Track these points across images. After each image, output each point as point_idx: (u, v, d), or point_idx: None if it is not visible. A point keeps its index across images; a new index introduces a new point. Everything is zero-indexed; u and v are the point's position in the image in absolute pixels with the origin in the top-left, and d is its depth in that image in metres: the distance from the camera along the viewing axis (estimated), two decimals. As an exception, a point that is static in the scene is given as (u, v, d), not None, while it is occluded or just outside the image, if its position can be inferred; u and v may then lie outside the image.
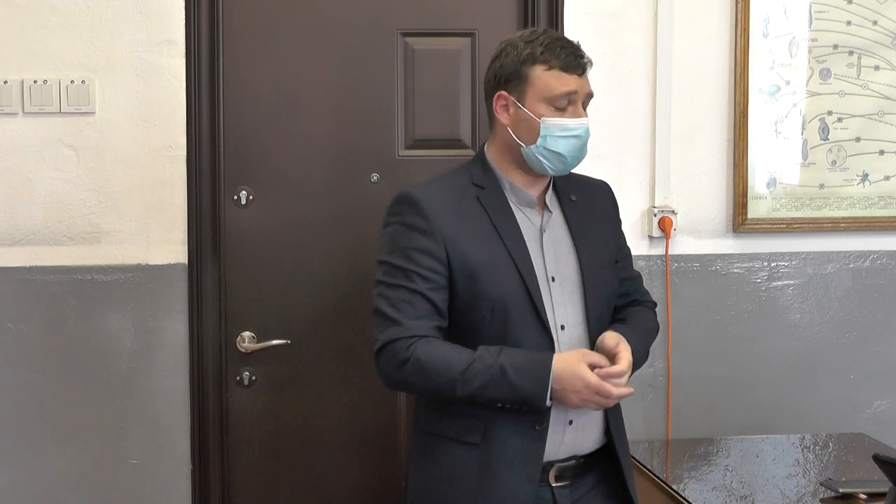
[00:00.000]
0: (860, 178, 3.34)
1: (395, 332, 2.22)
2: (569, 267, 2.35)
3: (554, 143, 2.29)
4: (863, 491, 2.48)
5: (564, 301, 2.32)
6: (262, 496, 3.17)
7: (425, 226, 2.25)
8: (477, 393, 2.20)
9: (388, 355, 2.23)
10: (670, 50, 3.21)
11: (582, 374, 2.18)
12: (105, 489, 3.08)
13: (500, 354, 2.20)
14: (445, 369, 2.20)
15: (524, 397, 2.20)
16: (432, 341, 2.24)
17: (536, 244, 2.33)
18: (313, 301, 3.14)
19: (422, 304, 2.24)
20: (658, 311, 3.21)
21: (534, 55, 2.27)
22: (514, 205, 2.34)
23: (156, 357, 3.07)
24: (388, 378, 2.27)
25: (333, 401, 3.16)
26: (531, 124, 2.28)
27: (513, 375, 2.18)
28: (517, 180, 2.35)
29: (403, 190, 2.32)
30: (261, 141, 3.12)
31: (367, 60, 3.14)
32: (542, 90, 2.27)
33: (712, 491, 2.61)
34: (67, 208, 3.03)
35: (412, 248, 2.25)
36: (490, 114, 2.36)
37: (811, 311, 3.34)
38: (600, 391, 2.19)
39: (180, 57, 3.04)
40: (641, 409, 3.26)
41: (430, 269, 2.24)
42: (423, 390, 2.27)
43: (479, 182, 2.34)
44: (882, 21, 3.32)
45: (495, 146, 2.36)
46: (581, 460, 2.35)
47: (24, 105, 3.00)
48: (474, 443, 2.26)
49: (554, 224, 2.38)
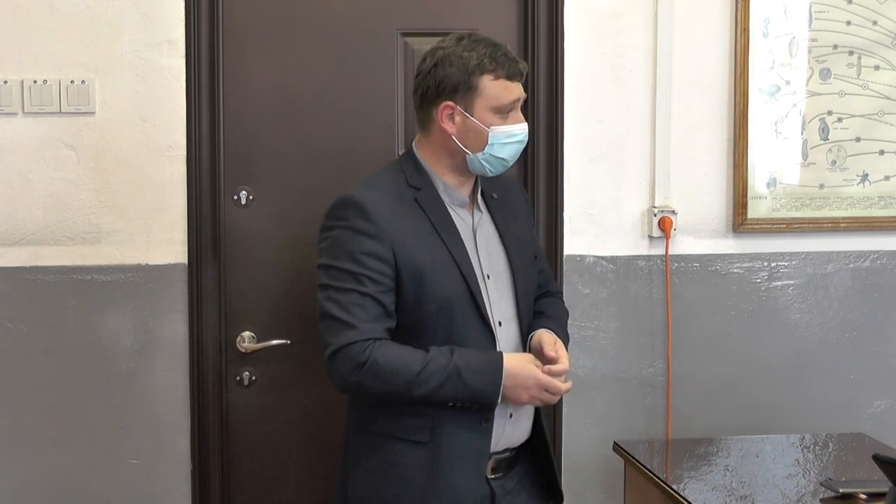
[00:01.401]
0: (860, 178, 3.34)
1: (350, 336, 2.26)
2: (500, 264, 2.44)
3: (500, 150, 2.35)
4: (863, 491, 2.48)
5: (499, 298, 2.41)
6: (262, 496, 3.17)
7: (373, 230, 2.29)
8: (432, 393, 2.26)
9: (344, 359, 2.27)
10: (670, 50, 3.21)
11: (533, 372, 2.30)
12: (105, 489, 3.08)
13: (452, 355, 2.27)
14: (401, 371, 2.25)
15: (477, 395, 2.28)
16: (386, 343, 2.28)
17: (471, 243, 2.39)
18: (313, 301, 3.11)
19: (373, 307, 2.28)
20: (658, 312, 3.26)
21: (482, 65, 2.31)
22: (448, 205, 2.40)
23: (156, 357, 3.07)
24: (343, 381, 2.30)
25: (333, 401, 3.14)
26: (479, 133, 2.33)
27: (467, 375, 2.26)
28: (450, 181, 2.41)
29: (346, 194, 2.35)
30: (261, 141, 3.12)
31: (367, 60, 3.14)
32: (491, 100, 2.33)
33: (712, 491, 2.61)
34: (67, 208, 3.03)
35: (361, 252, 2.28)
36: (425, 119, 2.39)
37: (811, 311, 3.34)
38: (549, 388, 2.30)
39: (180, 57, 3.04)
40: (641, 409, 3.26)
41: (379, 272, 2.28)
42: (377, 392, 2.30)
43: (413, 183, 2.38)
44: (882, 21, 3.32)
45: (430, 149, 2.40)
46: (513, 452, 2.44)
47: (24, 105, 3.00)
48: (422, 441, 2.31)
49: (484, 223, 2.45)
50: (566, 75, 3.17)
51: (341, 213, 2.33)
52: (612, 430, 3.18)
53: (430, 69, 2.35)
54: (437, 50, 2.37)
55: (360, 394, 2.37)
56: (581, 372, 3.18)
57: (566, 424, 3.21)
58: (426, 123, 2.40)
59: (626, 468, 2.92)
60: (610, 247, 3.23)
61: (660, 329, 3.26)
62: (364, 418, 2.41)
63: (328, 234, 2.35)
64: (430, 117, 2.37)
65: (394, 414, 2.34)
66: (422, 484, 2.31)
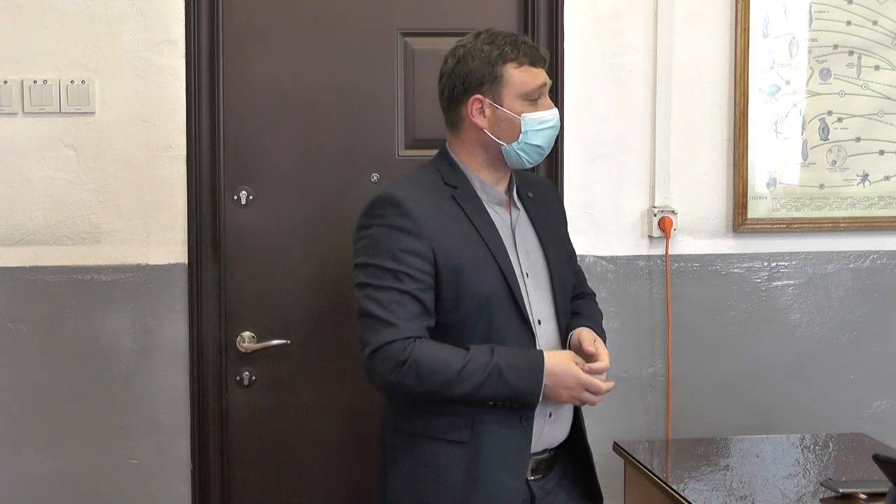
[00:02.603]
0: (860, 178, 3.34)
1: (390, 334, 2.23)
2: (538, 263, 2.42)
3: (534, 137, 2.34)
4: (863, 491, 2.48)
5: (538, 296, 2.38)
6: (262, 496, 3.17)
7: (412, 226, 2.26)
8: (472, 392, 2.23)
9: (384, 357, 2.23)
10: (670, 50, 3.21)
11: (574, 370, 2.27)
12: (105, 489, 3.08)
13: (493, 354, 2.24)
14: (442, 370, 2.22)
15: (519, 395, 2.25)
16: (426, 342, 2.25)
17: (510, 241, 2.38)
18: (313, 301, 3.15)
19: (412, 304, 2.25)
20: (658, 311, 3.26)
21: (504, 54, 2.31)
22: (486, 203, 2.38)
23: (156, 357, 3.07)
24: (383, 380, 2.26)
25: (333, 401, 3.16)
26: (512, 122, 2.32)
27: (508, 374, 2.23)
28: (486, 178, 2.39)
29: (384, 191, 2.33)
30: (261, 141, 3.12)
31: (367, 60, 3.14)
32: (518, 87, 2.32)
33: (712, 491, 2.61)
34: (67, 208, 3.03)
35: (400, 250, 2.26)
36: (455, 118, 2.38)
37: (811, 311, 3.34)
38: (590, 387, 2.27)
39: (180, 57, 3.04)
40: (641, 409, 3.26)
41: (418, 269, 2.26)
42: (418, 391, 2.26)
43: (450, 181, 2.37)
44: (882, 21, 3.32)
45: (463, 147, 2.39)
46: (552, 453, 2.42)
47: (24, 105, 3.00)
48: (462, 441, 2.28)
49: (522, 221, 2.44)
50: (566, 75, 3.17)
51: (379, 211, 2.30)
52: (612, 430, 3.18)
53: (454, 67, 2.34)
54: (458, 48, 2.36)
55: (400, 393, 2.31)
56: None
57: (566, 424, 3.21)
58: (456, 122, 2.38)
59: (626, 468, 2.92)
60: (610, 247, 3.23)
61: (660, 329, 3.26)
62: (400, 418, 2.37)
63: (366, 231, 2.31)
64: (460, 115, 2.36)
65: (431, 413, 2.30)
66: (461, 485, 2.27)
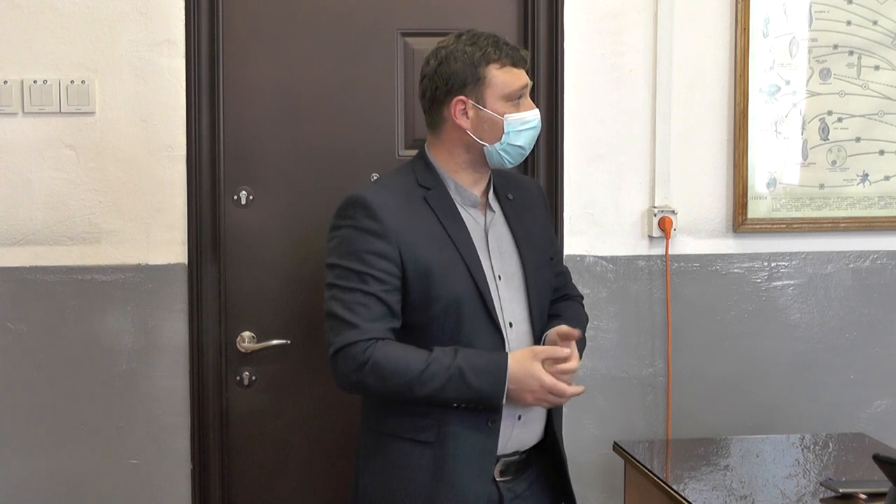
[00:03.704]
0: (860, 178, 3.34)
1: (352, 335, 2.25)
2: (512, 265, 2.41)
3: (516, 138, 2.35)
4: (863, 491, 2.48)
5: (511, 299, 2.38)
6: (262, 496, 3.17)
7: (378, 228, 2.28)
8: (434, 394, 2.24)
9: (346, 358, 2.26)
10: (670, 50, 3.21)
11: (537, 374, 2.26)
12: (105, 489, 3.08)
13: (456, 356, 2.25)
14: (403, 371, 2.24)
15: (481, 397, 2.26)
16: (389, 343, 2.27)
17: (482, 243, 2.38)
18: (313, 301, 3.13)
19: (377, 306, 2.27)
20: (658, 311, 3.25)
21: (486, 55, 2.31)
22: (459, 205, 2.39)
23: (156, 357, 3.07)
24: (345, 380, 2.29)
25: (333, 401, 3.15)
26: (494, 123, 2.33)
27: (470, 376, 2.23)
28: (463, 180, 2.39)
29: (354, 193, 2.34)
30: (261, 141, 3.12)
31: (367, 60, 3.14)
32: (501, 88, 2.32)
33: (712, 491, 2.61)
34: (67, 208, 3.03)
35: (366, 251, 2.27)
36: (436, 119, 2.38)
37: (811, 311, 3.34)
38: (554, 390, 2.27)
39: (180, 57, 3.04)
40: (641, 409, 3.26)
41: (384, 271, 2.27)
42: (379, 392, 2.29)
43: (424, 183, 2.37)
44: (882, 21, 3.32)
45: (444, 148, 2.39)
46: (523, 455, 2.42)
47: (24, 105, 3.00)
48: (428, 441, 2.30)
49: (496, 223, 2.43)
50: (566, 75, 3.17)
51: (348, 212, 2.32)
52: (612, 430, 3.18)
53: (436, 69, 2.35)
54: (440, 49, 2.36)
55: (363, 393, 2.36)
56: (581, 372, 3.16)
57: (566, 424, 3.20)
58: (437, 123, 2.38)
59: (626, 468, 2.92)
60: (610, 247, 3.23)
61: (660, 329, 3.26)
62: (374, 418, 2.40)
63: (336, 233, 2.34)
64: (442, 116, 2.36)
65: (402, 414, 2.32)
66: (428, 485, 2.29)
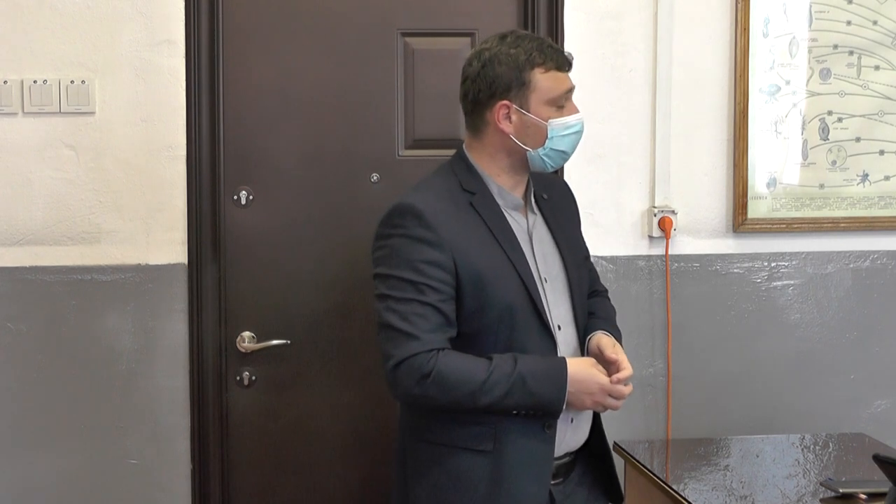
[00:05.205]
0: (860, 178, 3.34)
1: (413, 347, 2.20)
2: (555, 267, 2.40)
3: (560, 143, 2.32)
4: (863, 491, 2.48)
5: (556, 301, 2.37)
6: (262, 496, 3.17)
7: (432, 237, 2.23)
8: (497, 402, 2.21)
9: (408, 370, 2.21)
10: (670, 50, 3.21)
11: (597, 377, 2.27)
12: (105, 489, 3.08)
13: (516, 363, 2.22)
14: (467, 381, 2.20)
15: (543, 403, 2.24)
16: (450, 353, 2.23)
17: (528, 247, 2.36)
18: (313, 301, 3.14)
19: (435, 316, 2.23)
20: (658, 311, 3.26)
21: (531, 59, 2.28)
22: (503, 209, 2.36)
23: (156, 357, 3.07)
24: (407, 393, 2.24)
25: (333, 401, 3.16)
26: (538, 129, 2.29)
27: (532, 383, 2.22)
28: (504, 183, 2.36)
29: (403, 200, 2.29)
30: (261, 141, 3.12)
31: (367, 60, 3.14)
32: (546, 92, 2.29)
33: (712, 491, 2.61)
34: (67, 208, 3.03)
35: (420, 261, 2.22)
36: (478, 122, 2.33)
37: (811, 311, 3.34)
38: (613, 393, 2.28)
39: (180, 57, 3.04)
40: (641, 409, 3.26)
41: (440, 280, 2.23)
42: (442, 403, 2.24)
43: (468, 187, 2.34)
44: (882, 21, 3.32)
45: (486, 152, 2.35)
46: (572, 456, 2.41)
47: (24, 105, 3.00)
48: (486, 450, 2.27)
49: (538, 225, 2.42)
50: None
51: (399, 221, 2.26)
52: (612, 430, 3.16)
53: (479, 71, 2.30)
54: (483, 51, 2.31)
55: (425, 405, 2.29)
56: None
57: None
58: (479, 126, 2.34)
59: (626, 468, 2.92)
60: (610, 247, 3.23)
61: (660, 329, 3.26)
62: (422, 428, 2.34)
63: (385, 242, 2.28)
64: (484, 120, 2.32)
65: (453, 423, 2.28)
66: (485, 494, 2.26)
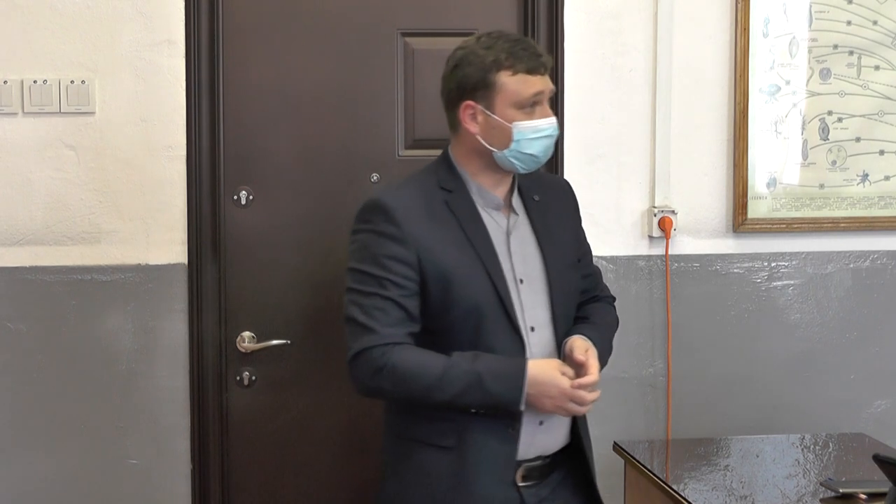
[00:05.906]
0: (860, 178, 3.34)
1: (369, 340, 2.24)
2: (535, 268, 2.39)
3: (527, 146, 2.31)
4: (863, 491, 2.48)
5: (533, 303, 2.36)
6: (262, 496, 3.17)
7: (397, 233, 2.26)
8: (453, 399, 2.23)
9: (363, 363, 2.25)
10: (670, 50, 3.21)
11: (558, 380, 2.25)
12: (105, 489, 3.08)
13: (475, 361, 2.24)
14: (421, 376, 2.23)
15: (499, 402, 2.25)
16: (406, 348, 2.26)
17: (504, 247, 2.35)
18: (313, 301, 3.14)
19: (395, 311, 2.26)
20: (658, 311, 3.25)
21: (498, 62, 2.28)
22: (481, 207, 2.36)
23: (156, 357, 3.07)
24: (362, 385, 2.29)
25: (333, 401, 3.16)
26: (503, 130, 2.30)
27: (489, 381, 2.22)
28: (484, 182, 2.37)
29: (373, 197, 2.33)
30: (261, 141, 3.12)
31: (367, 60, 3.14)
32: (511, 96, 2.29)
33: (712, 491, 2.61)
34: (67, 208, 3.03)
35: (385, 256, 2.26)
36: (453, 121, 2.36)
37: (811, 311, 3.34)
38: (574, 398, 2.26)
39: (180, 57, 3.04)
40: (641, 409, 3.26)
41: (402, 275, 2.26)
42: (397, 397, 2.30)
43: (445, 185, 2.35)
44: (882, 21, 3.32)
45: (462, 150, 2.37)
46: (547, 460, 2.39)
47: (24, 105, 3.00)
48: (449, 446, 2.29)
49: (520, 226, 2.41)
50: (566, 75, 3.17)
51: (367, 217, 2.31)
52: (612, 430, 3.18)
53: (451, 70, 2.33)
54: (458, 50, 2.34)
55: (381, 398, 2.37)
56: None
57: (566, 424, 3.21)
58: (454, 125, 2.36)
59: (626, 468, 2.92)
60: (610, 247, 3.23)
61: (660, 329, 3.26)
62: (397, 423, 2.39)
63: (355, 237, 2.33)
64: (456, 119, 2.34)
65: (424, 419, 2.31)
66: (448, 490, 2.28)
